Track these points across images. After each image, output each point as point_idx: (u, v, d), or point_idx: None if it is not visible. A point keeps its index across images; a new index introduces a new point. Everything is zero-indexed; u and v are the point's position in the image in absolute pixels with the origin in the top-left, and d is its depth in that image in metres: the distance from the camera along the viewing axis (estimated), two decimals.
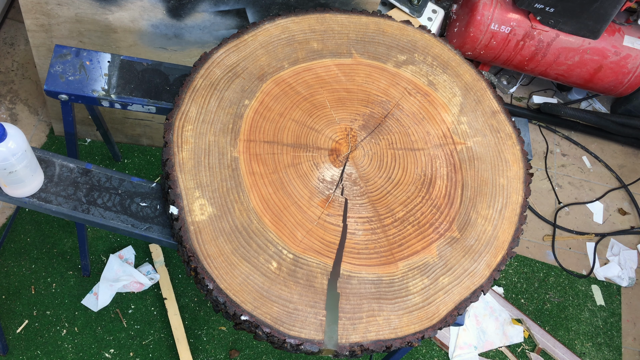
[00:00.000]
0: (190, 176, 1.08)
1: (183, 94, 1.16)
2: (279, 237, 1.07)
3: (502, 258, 1.15)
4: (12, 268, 1.80)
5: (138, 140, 2.05)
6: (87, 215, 1.13)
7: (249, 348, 1.82)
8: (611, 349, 2.08)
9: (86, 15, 1.50)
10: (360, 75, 1.30)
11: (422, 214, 1.16)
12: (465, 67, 1.37)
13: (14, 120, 2.03)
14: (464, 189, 1.22)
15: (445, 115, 1.30)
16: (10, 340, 1.70)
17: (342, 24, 1.35)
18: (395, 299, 1.06)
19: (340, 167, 1.18)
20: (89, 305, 1.78)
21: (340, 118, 1.24)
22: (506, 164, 1.27)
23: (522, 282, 2.11)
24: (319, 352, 1.01)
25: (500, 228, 1.19)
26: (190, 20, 1.53)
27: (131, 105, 1.27)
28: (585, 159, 2.48)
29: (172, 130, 1.12)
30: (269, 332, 1.00)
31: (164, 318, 1.80)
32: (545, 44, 2.15)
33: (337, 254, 1.08)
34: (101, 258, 1.86)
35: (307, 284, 1.04)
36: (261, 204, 1.09)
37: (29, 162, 1.06)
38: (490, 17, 2.11)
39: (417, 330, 1.05)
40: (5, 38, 2.17)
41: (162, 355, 1.76)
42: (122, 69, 1.29)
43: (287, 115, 1.20)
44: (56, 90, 1.25)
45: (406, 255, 1.11)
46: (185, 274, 1.86)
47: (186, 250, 1.02)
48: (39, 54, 1.63)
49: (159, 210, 1.16)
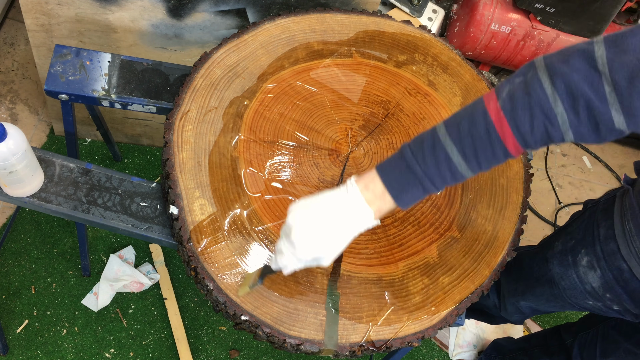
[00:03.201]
0: (190, 176, 1.08)
1: (183, 93, 1.16)
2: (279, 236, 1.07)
3: (502, 258, 1.15)
4: (12, 268, 1.80)
5: (138, 140, 2.05)
6: (87, 215, 1.13)
7: (249, 348, 1.81)
8: None
9: (86, 15, 1.50)
10: (360, 75, 1.30)
11: (422, 214, 1.16)
12: (465, 67, 1.37)
13: (14, 120, 2.03)
14: (464, 189, 1.22)
15: (446, 115, 1.30)
16: (11, 340, 1.70)
17: (342, 24, 1.35)
18: (395, 298, 1.06)
19: (341, 167, 1.18)
20: (89, 305, 1.78)
21: (341, 118, 1.24)
22: (506, 164, 1.26)
23: None
24: (319, 352, 1.01)
25: (501, 228, 1.19)
26: (191, 20, 1.53)
27: (131, 105, 1.27)
28: (586, 159, 2.48)
29: (172, 130, 1.12)
30: (269, 332, 1.00)
31: (164, 318, 1.80)
32: (546, 44, 2.15)
33: None
34: (101, 258, 1.86)
35: (307, 284, 1.04)
36: (261, 204, 1.09)
37: (29, 162, 1.06)
38: (491, 17, 2.11)
39: (417, 330, 1.05)
40: (6, 38, 2.17)
41: (162, 355, 1.76)
42: (122, 69, 1.29)
43: (287, 115, 1.20)
44: (56, 90, 1.25)
45: (406, 255, 1.11)
46: (185, 274, 1.86)
47: (186, 250, 1.02)
48: (39, 53, 1.63)
49: (159, 210, 1.16)
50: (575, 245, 1.23)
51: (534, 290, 1.35)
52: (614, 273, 1.14)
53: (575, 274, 1.22)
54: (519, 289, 1.40)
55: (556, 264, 1.27)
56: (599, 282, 1.17)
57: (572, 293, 1.24)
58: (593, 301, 1.21)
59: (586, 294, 1.21)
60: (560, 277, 1.26)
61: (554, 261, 1.28)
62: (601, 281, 1.16)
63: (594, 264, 1.17)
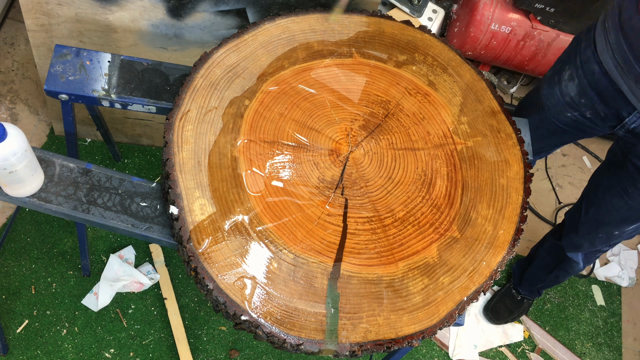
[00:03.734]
0: (190, 176, 1.08)
1: (183, 93, 1.16)
2: (279, 237, 1.07)
3: (502, 258, 1.15)
4: (12, 268, 1.80)
5: (138, 140, 2.05)
6: (87, 215, 1.13)
7: (249, 348, 1.81)
8: (611, 349, 2.08)
9: (86, 15, 1.50)
10: (360, 75, 1.30)
11: (422, 214, 1.16)
12: (465, 67, 1.37)
13: (14, 120, 2.03)
14: (464, 189, 1.22)
15: (446, 115, 1.30)
16: (11, 340, 1.70)
17: (342, 24, 1.35)
18: (395, 298, 1.06)
19: (341, 167, 1.18)
20: (89, 305, 1.78)
21: (341, 118, 1.24)
22: (506, 164, 1.26)
23: None
24: (319, 352, 1.01)
25: (501, 228, 1.19)
26: (191, 20, 1.53)
27: (131, 105, 1.27)
28: (586, 159, 2.48)
29: (172, 130, 1.12)
30: (269, 332, 1.00)
31: (164, 318, 1.80)
32: (546, 44, 2.15)
33: (337, 254, 1.08)
34: (101, 258, 1.86)
35: (307, 284, 1.04)
36: (261, 204, 1.09)
37: (29, 162, 1.06)
38: (491, 17, 2.11)
39: (417, 330, 1.05)
40: (6, 38, 2.17)
41: (162, 355, 1.76)
42: (122, 69, 1.29)
43: (287, 115, 1.20)
44: (56, 90, 1.25)
45: (406, 255, 1.11)
46: (185, 274, 1.86)
47: (186, 250, 1.02)
48: (39, 53, 1.63)
49: (159, 210, 1.16)
50: (561, 66, 1.40)
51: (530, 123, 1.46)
52: (588, 78, 1.30)
53: (558, 89, 1.39)
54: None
55: (545, 87, 1.45)
56: (576, 89, 1.34)
57: (554, 110, 1.42)
58: (571, 112, 1.38)
59: (566, 105, 1.38)
60: (547, 97, 1.44)
61: (544, 85, 1.46)
62: (577, 89, 1.33)
63: (573, 75, 1.34)
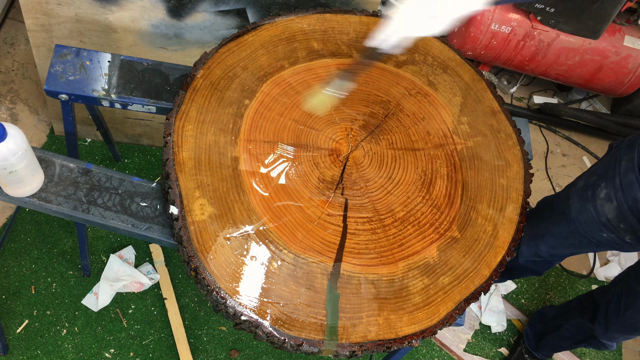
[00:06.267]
0: (190, 176, 1.08)
1: (183, 93, 1.16)
2: (279, 237, 1.07)
3: (502, 258, 1.15)
4: (12, 268, 1.80)
5: (138, 140, 2.05)
6: (87, 215, 1.13)
7: (249, 348, 1.81)
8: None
9: (86, 15, 1.50)
10: (360, 75, 1.30)
11: (422, 214, 1.16)
12: (465, 67, 1.37)
13: (14, 120, 2.03)
14: (464, 189, 1.21)
15: (446, 115, 1.30)
16: (11, 340, 1.70)
17: (342, 24, 1.35)
18: (395, 298, 1.06)
19: (341, 167, 1.18)
20: (89, 305, 1.78)
21: (341, 118, 1.24)
22: (506, 164, 1.26)
23: (522, 282, 2.11)
24: (319, 352, 1.01)
25: (501, 228, 1.19)
26: (191, 20, 1.53)
27: (131, 105, 1.27)
28: (586, 159, 2.48)
29: (172, 130, 1.12)
30: (269, 332, 1.00)
31: (164, 318, 1.80)
32: (546, 44, 2.15)
33: (337, 254, 1.08)
34: (101, 258, 1.86)
35: (307, 284, 1.04)
36: (261, 204, 1.09)
37: (29, 162, 1.06)
38: (491, 17, 2.11)
39: (417, 330, 1.05)
40: (6, 38, 2.17)
41: (162, 355, 1.76)
42: (122, 69, 1.29)
43: (287, 115, 1.20)
44: (56, 90, 1.25)
45: (406, 255, 1.11)
46: (185, 274, 1.86)
47: (186, 250, 1.02)
48: (39, 53, 1.63)
49: (159, 210, 1.16)
50: (596, 180, 1.28)
51: (553, 230, 1.39)
52: (629, 203, 1.19)
53: (592, 207, 1.27)
54: (539, 232, 1.44)
55: (576, 200, 1.32)
56: (614, 212, 1.22)
57: (587, 227, 1.30)
58: (607, 233, 1.26)
59: (601, 225, 1.26)
60: (578, 211, 1.31)
61: (575, 197, 1.33)
62: (616, 212, 1.22)
63: (611, 196, 1.23)
